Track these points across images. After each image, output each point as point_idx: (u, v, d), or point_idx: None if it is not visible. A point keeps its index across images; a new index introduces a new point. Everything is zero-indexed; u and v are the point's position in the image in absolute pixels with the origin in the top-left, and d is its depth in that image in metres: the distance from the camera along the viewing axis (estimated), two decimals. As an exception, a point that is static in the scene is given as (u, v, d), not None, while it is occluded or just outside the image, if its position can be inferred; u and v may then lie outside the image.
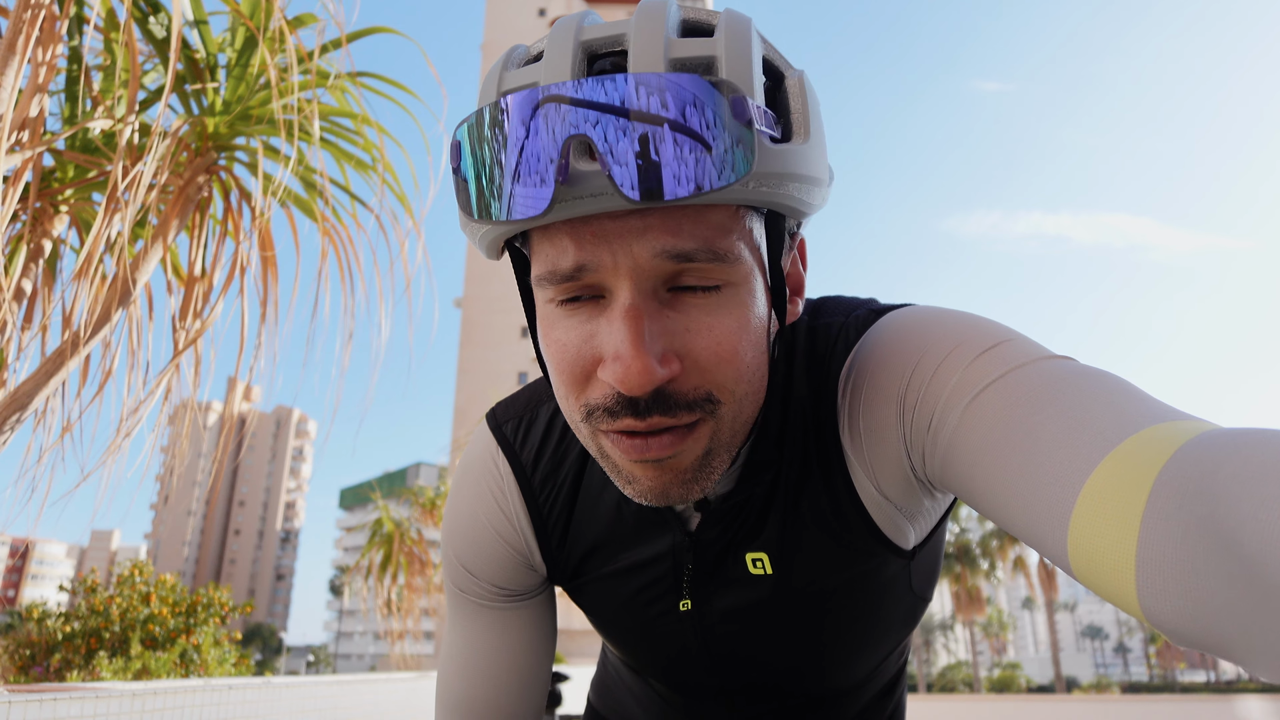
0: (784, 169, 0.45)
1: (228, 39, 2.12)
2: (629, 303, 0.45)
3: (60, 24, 1.65)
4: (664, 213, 0.44)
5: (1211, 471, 0.34)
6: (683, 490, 0.51)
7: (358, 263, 2.25)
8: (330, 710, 3.38)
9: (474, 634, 0.74)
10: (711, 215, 0.46)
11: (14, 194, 1.55)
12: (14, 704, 1.91)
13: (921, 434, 0.52)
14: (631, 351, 0.44)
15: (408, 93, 2.33)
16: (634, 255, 0.45)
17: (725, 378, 0.48)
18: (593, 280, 0.46)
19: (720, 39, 0.45)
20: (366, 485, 50.46)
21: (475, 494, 0.71)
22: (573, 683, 4.20)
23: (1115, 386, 0.44)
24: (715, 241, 0.45)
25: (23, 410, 1.71)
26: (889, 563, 0.63)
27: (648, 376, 0.44)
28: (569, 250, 0.46)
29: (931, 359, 0.52)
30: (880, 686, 0.82)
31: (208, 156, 2.08)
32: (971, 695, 22.91)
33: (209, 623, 5.58)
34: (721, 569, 0.65)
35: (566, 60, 0.45)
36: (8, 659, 5.09)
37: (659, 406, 0.47)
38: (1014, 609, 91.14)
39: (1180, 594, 0.34)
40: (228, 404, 2.25)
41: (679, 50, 0.44)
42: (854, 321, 0.61)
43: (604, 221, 0.45)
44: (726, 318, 0.47)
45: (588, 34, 0.46)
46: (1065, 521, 0.40)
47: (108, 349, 2.03)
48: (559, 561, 0.70)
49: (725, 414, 0.50)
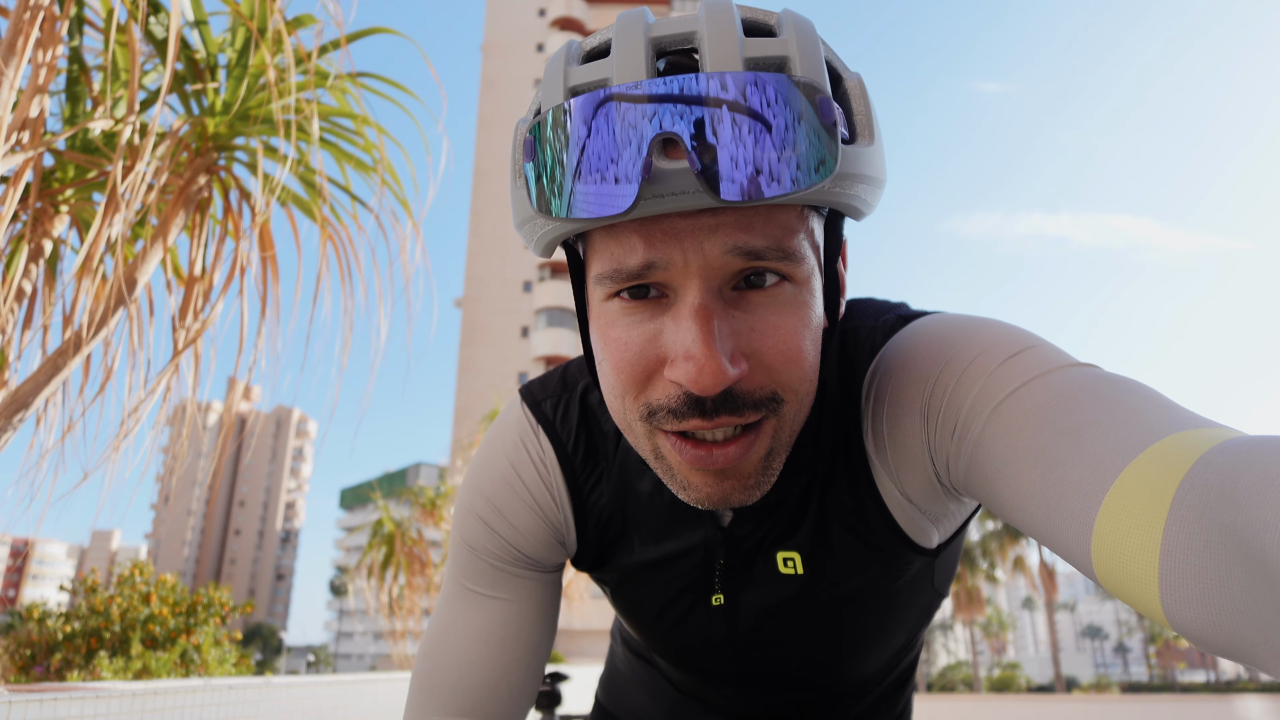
0: (855, 170, 0.45)
1: (228, 39, 2.12)
2: (699, 302, 0.45)
3: (60, 24, 1.66)
4: (736, 211, 0.44)
5: (1234, 479, 0.34)
6: (744, 495, 0.51)
7: (357, 263, 2.25)
8: (330, 710, 3.38)
9: (470, 600, 0.69)
10: (780, 214, 0.46)
11: (14, 194, 1.55)
12: (14, 704, 1.91)
13: (946, 441, 0.52)
14: (705, 351, 0.44)
15: (407, 93, 2.33)
16: (705, 253, 0.45)
17: (790, 377, 0.48)
18: (660, 278, 0.46)
19: (791, 39, 0.45)
20: (367, 485, 50.43)
21: (515, 458, 0.68)
22: (573, 682, 4.21)
23: (1139, 393, 0.44)
24: (784, 240, 0.46)
25: (23, 410, 1.71)
26: (913, 562, 0.64)
27: (720, 376, 0.44)
28: (637, 248, 0.46)
29: (956, 366, 0.52)
30: (894, 679, 0.83)
31: (208, 156, 2.08)
32: (971, 695, 22.91)
33: (209, 623, 5.57)
34: (752, 566, 0.65)
35: (640, 57, 0.44)
36: (8, 659, 5.09)
37: (727, 406, 0.47)
38: (1014, 609, 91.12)
39: (1203, 601, 0.34)
40: (228, 404, 2.25)
41: (753, 49, 0.44)
42: (881, 326, 0.61)
43: (674, 219, 0.45)
44: (791, 317, 0.48)
45: (656, 30, 0.46)
46: (1089, 529, 0.40)
47: (108, 349, 2.03)
48: (590, 543, 0.69)
49: (787, 413, 0.50)
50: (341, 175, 2.33)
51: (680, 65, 0.48)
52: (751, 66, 0.43)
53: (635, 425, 0.51)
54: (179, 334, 2.03)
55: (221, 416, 2.14)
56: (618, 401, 0.51)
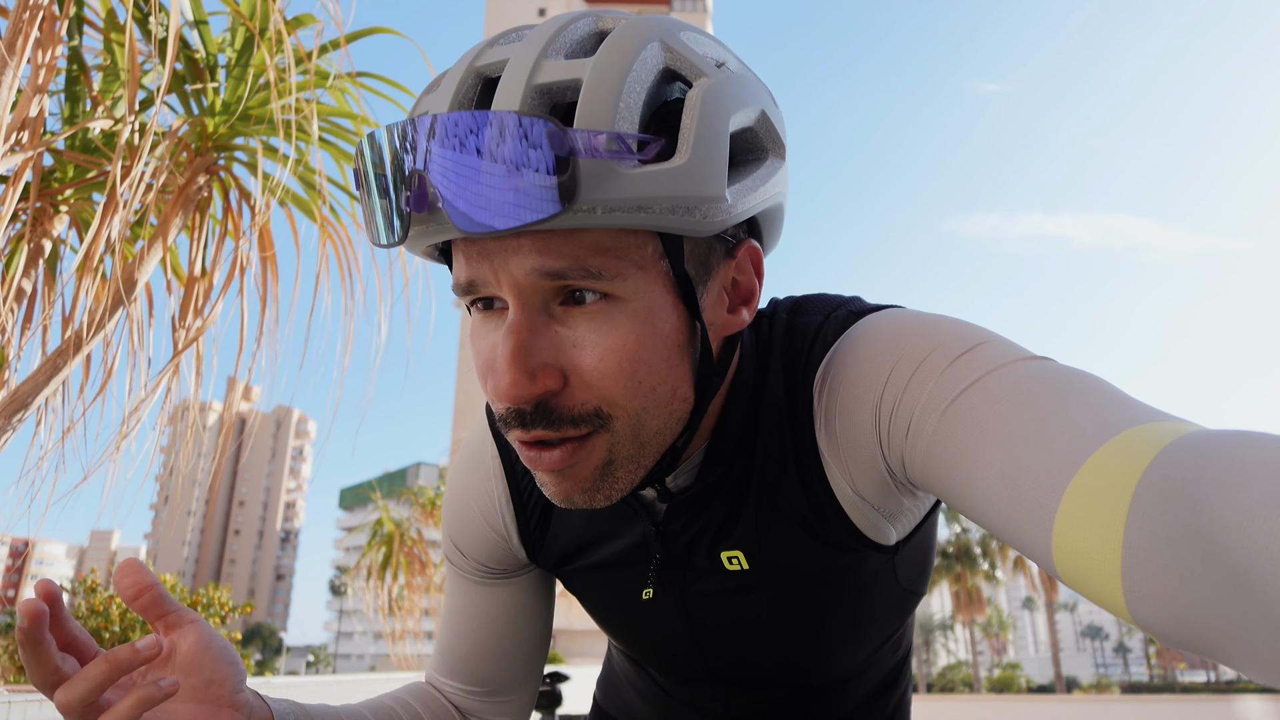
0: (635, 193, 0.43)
1: (227, 39, 2.12)
2: (512, 318, 0.47)
3: (60, 24, 1.66)
4: (534, 233, 0.45)
5: (1195, 475, 0.34)
6: (586, 497, 0.52)
7: (357, 263, 2.26)
8: (330, 710, 3.38)
9: (463, 603, 0.78)
10: (585, 235, 0.45)
11: (14, 194, 1.55)
12: (14, 704, 1.91)
13: (900, 439, 0.52)
14: (503, 365, 0.46)
15: (407, 93, 2.33)
16: (511, 272, 0.46)
17: (614, 393, 0.48)
18: (488, 294, 0.48)
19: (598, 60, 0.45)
20: (366, 485, 50.39)
21: (467, 478, 0.74)
22: (573, 682, 4.20)
23: (1094, 387, 0.44)
24: (588, 260, 0.45)
25: (23, 410, 1.71)
26: (869, 558, 0.63)
27: (515, 390, 0.46)
28: (463, 265, 0.48)
29: (908, 364, 0.52)
30: (879, 679, 0.82)
31: (207, 156, 2.08)
32: (971, 695, 22.91)
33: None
34: (693, 560, 0.65)
35: (450, 90, 0.47)
36: (8, 659, 5.09)
37: (542, 420, 0.48)
38: (1014, 609, 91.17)
39: (1167, 598, 0.34)
40: (228, 404, 2.25)
41: (544, 75, 0.45)
42: (833, 321, 0.60)
43: (485, 240, 0.46)
44: (611, 334, 0.47)
45: (484, 58, 0.48)
46: (1049, 526, 0.40)
47: (108, 348, 2.03)
48: (539, 549, 0.72)
49: (620, 428, 0.50)
50: (341, 175, 2.33)
51: None
52: (541, 93, 0.44)
53: None
54: (179, 334, 2.04)
55: (221, 416, 2.15)
56: None
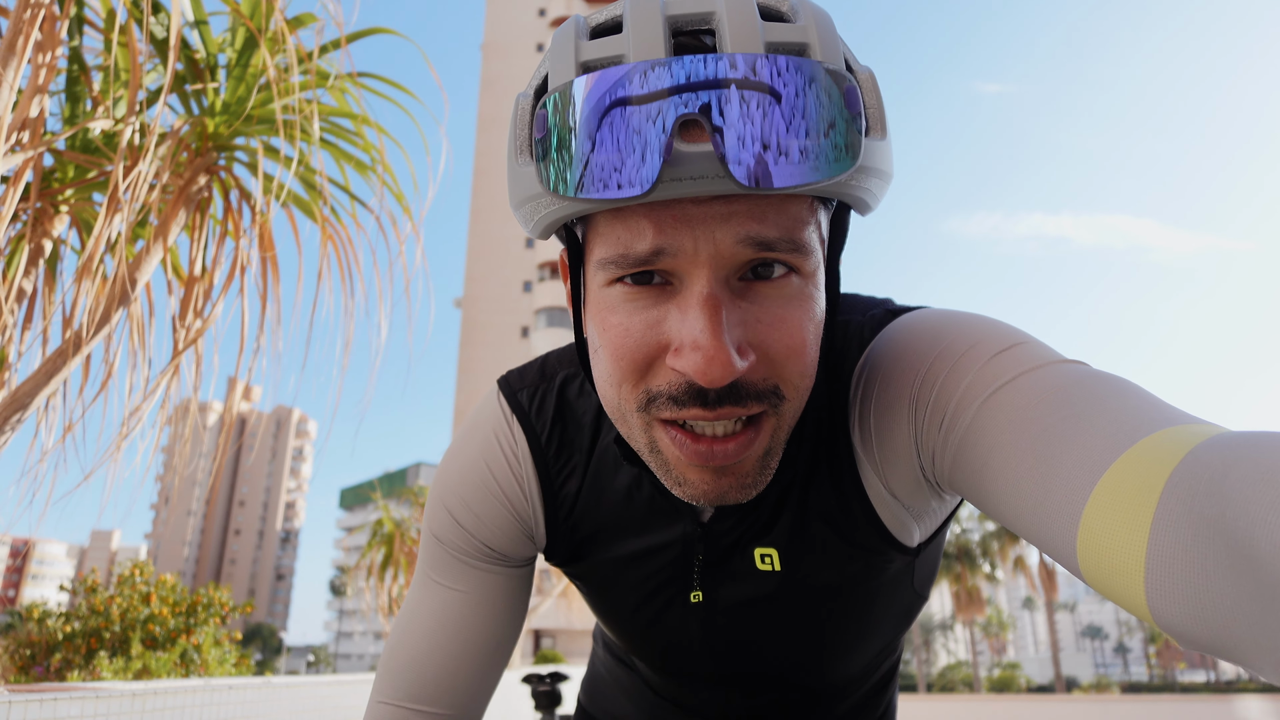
0: (871, 163, 0.44)
1: (228, 39, 2.12)
2: (707, 291, 0.44)
3: (60, 24, 1.66)
4: (749, 199, 0.43)
5: (1222, 475, 0.34)
6: (740, 493, 0.50)
7: (357, 263, 2.26)
8: (330, 710, 3.38)
9: (433, 589, 0.70)
10: (793, 205, 0.45)
11: (14, 194, 1.55)
12: (14, 704, 1.91)
13: (933, 434, 0.52)
14: (714, 343, 0.43)
15: (407, 94, 2.33)
16: (716, 241, 0.43)
17: (792, 371, 0.48)
18: (667, 265, 0.45)
19: (810, 25, 0.43)
20: (367, 485, 50.40)
21: (486, 450, 0.67)
22: (572, 683, 4.20)
23: (1127, 390, 0.44)
24: (795, 232, 0.45)
25: (23, 410, 1.71)
26: (893, 560, 0.63)
27: (729, 368, 0.43)
28: (647, 233, 0.44)
29: (946, 360, 0.52)
30: (874, 682, 0.82)
31: (208, 157, 2.08)
32: (971, 695, 22.91)
33: (209, 623, 5.58)
34: (729, 562, 0.64)
35: (658, 35, 0.42)
36: (8, 659, 5.09)
37: (731, 397, 0.46)
38: (1014, 609, 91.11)
39: (1189, 597, 0.34)
40: (228, 404, 2.25)
41: (773, 34, 0.42)
42: (870, 321, 0.60)
43: (686, 205, 0.43)
44: (797, 310, 0.47)
45: (673, 8, 0.44)
46: (1075, 523, 0.40)
47: (109, 348, 2.03)
48: (561, 538, 0.69)
49: (787, 409, 0.49)
50: (341, 175, 2.33)
51: (690, 48, 0.45)
52: (772, 50, 0.42)
53: (631, 416, 0.50)
54: (179, 334, 2.03)
55: (222, 416, 2.14)
56: (613, 390, 0.49)
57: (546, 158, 0.43)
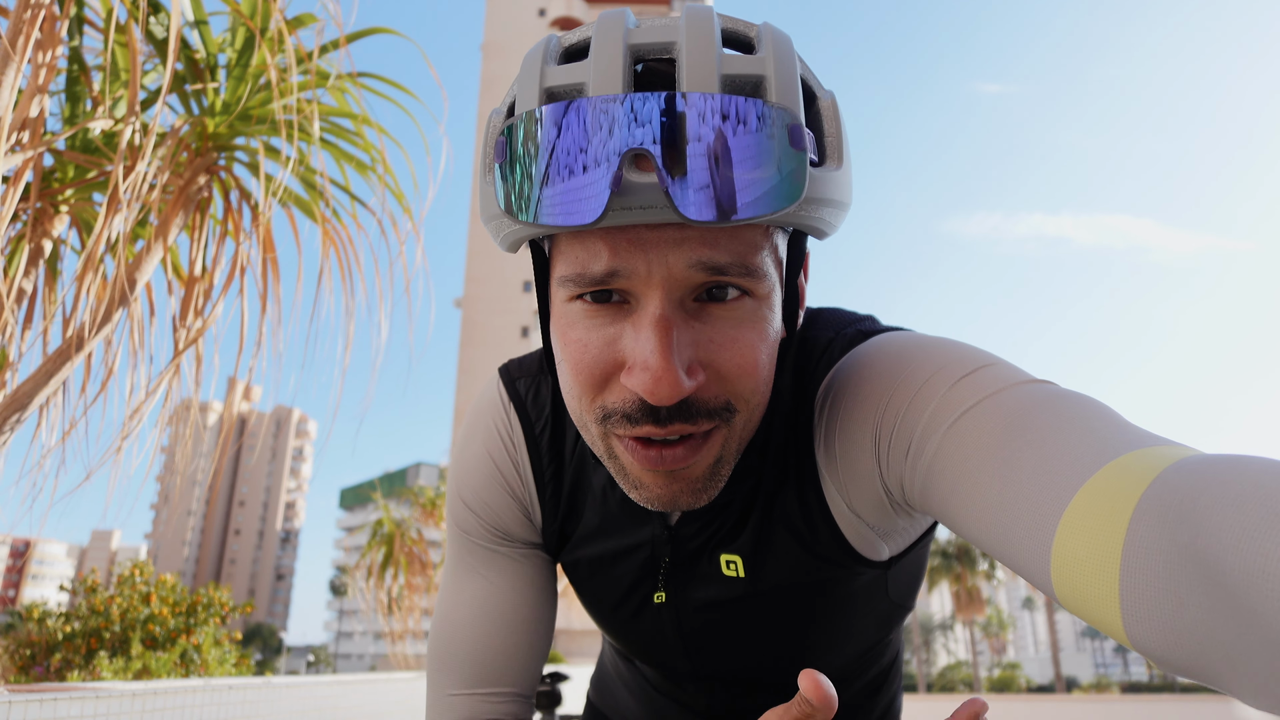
0: (821, 194, 0.46)
1: (228, 39, 2.12)
2: (659, 313, 0.46)
3: (60, 24, 1.66)
4: (701, 228, 0.45)
5: (1191, 499, 0.34)
6: (692, 498, 0.52)
7: (358, 263, 2.26)
8: (330, 710, 3.38)
9: (470, 578, 0.73)
10: (746, 232, 0.46)
11: (14, 194, 1.55)
12: (14, 704, 1.91)
13: (899, 461, 0.52)
14: (662, 363, 0.45)
15: (407, 94, 2.33)
16: (669, 265, 0.45)
17: (744, 388, 0.49)
18: (623, 285, 0.47)
19: (769, 57, 0.45)
20: (367, 485, 50.39)
21: (487, 437, 0.71)
22: (573, 682, 4.21)
23: (1093, 411, 0.44)
24: (747, 257, 0.46)
25: (24, 410, 1.71)
26: (860, 573, 0.64)
27: (676, 388, 0.45)
28: (602, 255, 0.46)
29: (909, 386, 0.52)
30: (863, 685, 0.83)
31: (208, 156, 2.08)
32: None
33: (209, 623, 5.57)
34: (696, 565, 0.66)
35: (617, 67, 0.44)
36: (8, 659, 5.08)
37: (681, 415, 0.48)
38: (1014, 609, 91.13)
39: (1164, 623, 0.34)
40: (228, 404, 2.25)
41: (731, 66, 0.44)
42: (841, 339, 0.61)
43: (640, 229, 0.45)
44: (749, 331, 0.48)
45: (636, 37, 0.46)
46: (1047, 549, 0.40)
47: (109, 348, 2.03)
48: (553, 523, 0.71)
49: (738, 422, 0.51)
50: (341, 175, 2.33)
51: (656, 71, 0.48)
52: (728, 84, 0.44)
53: (591, 426, 0.52)
54: (180, 334, 2.03)
55: (222, 416, 2.15)
56: (575, 402, 0.51)
57: (507, 180, 0.45)
